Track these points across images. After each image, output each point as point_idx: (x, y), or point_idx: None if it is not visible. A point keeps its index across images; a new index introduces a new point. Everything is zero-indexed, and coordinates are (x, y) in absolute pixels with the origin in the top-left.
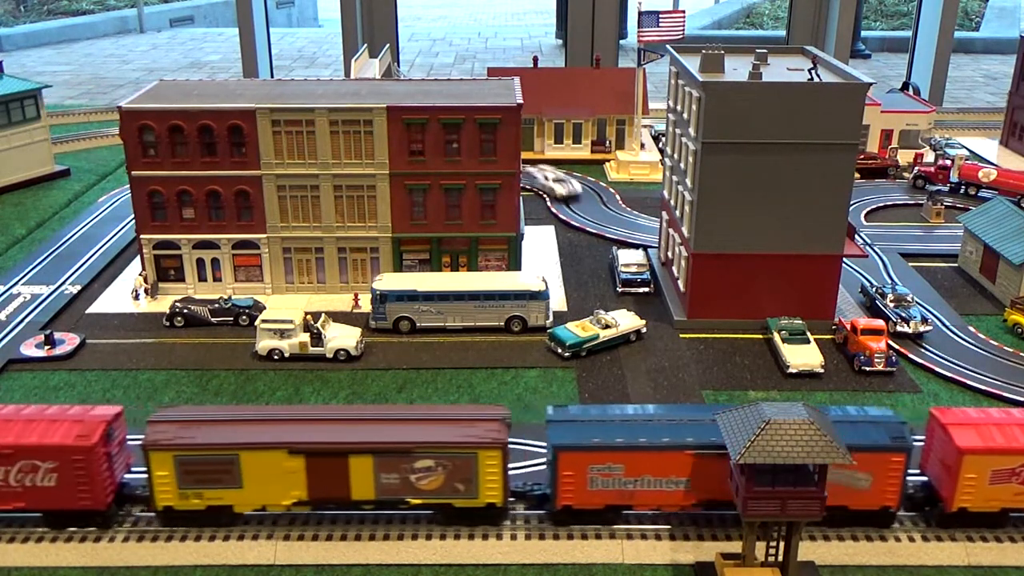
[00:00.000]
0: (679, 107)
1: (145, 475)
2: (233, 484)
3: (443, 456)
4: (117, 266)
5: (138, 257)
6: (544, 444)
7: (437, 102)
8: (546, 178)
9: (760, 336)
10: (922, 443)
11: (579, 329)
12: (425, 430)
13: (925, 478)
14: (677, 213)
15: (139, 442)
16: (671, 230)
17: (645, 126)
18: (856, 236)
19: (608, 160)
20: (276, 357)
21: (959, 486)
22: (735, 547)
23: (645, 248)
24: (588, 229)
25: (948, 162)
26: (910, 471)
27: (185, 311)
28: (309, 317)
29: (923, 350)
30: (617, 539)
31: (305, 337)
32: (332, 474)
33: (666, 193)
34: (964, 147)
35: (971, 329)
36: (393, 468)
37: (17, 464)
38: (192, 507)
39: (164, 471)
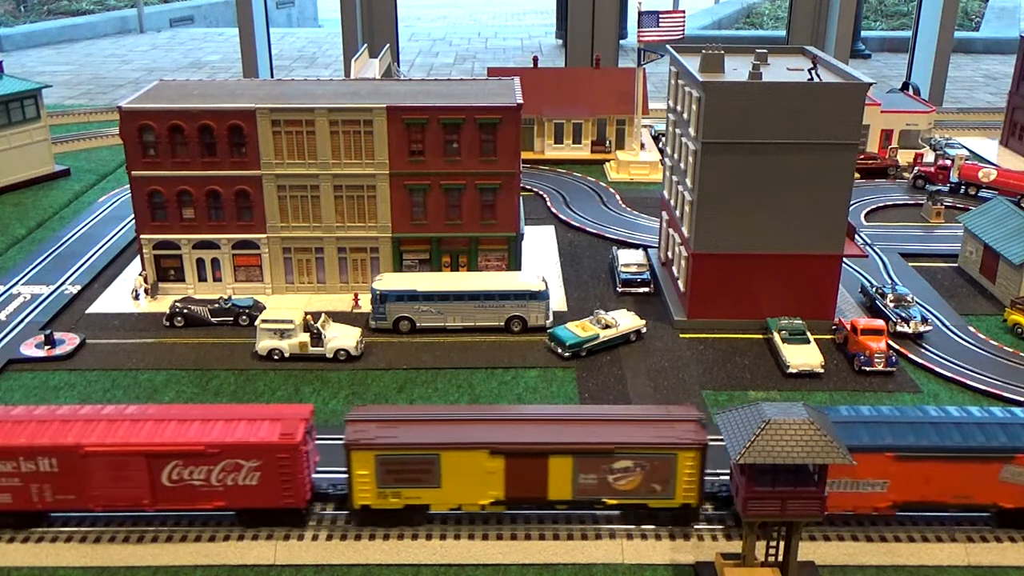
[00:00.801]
0: (679, 107)
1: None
2: (432, 484)
3: (642, 457)
4: (117, 266)
5: (138, 257)
6: None
7: (437, 102)
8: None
9: (760, 336)
10: None
11: (579, 329)
12: (624, 431)
13: None
14: (677, 213)
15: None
16: (671, 230)
17: (645, 126)
18: (856, 236)
19: (608, 160)
20: (276, 357)
21: None
22: (735, 547)
23: (645, 248)
24: (588, 229)
25: (948, 162)
26: None
27: (185, 311)
28: (309, 317)
29: (923, 350)
30: (617, 539)
31: (305, 337)
32: (531, 474)
33: (666, 193)
34: (964, 147)
35: (971, 329)
36: (592, 469)
37: (221, 463)
38: (390, 506)
39: (365, 470)
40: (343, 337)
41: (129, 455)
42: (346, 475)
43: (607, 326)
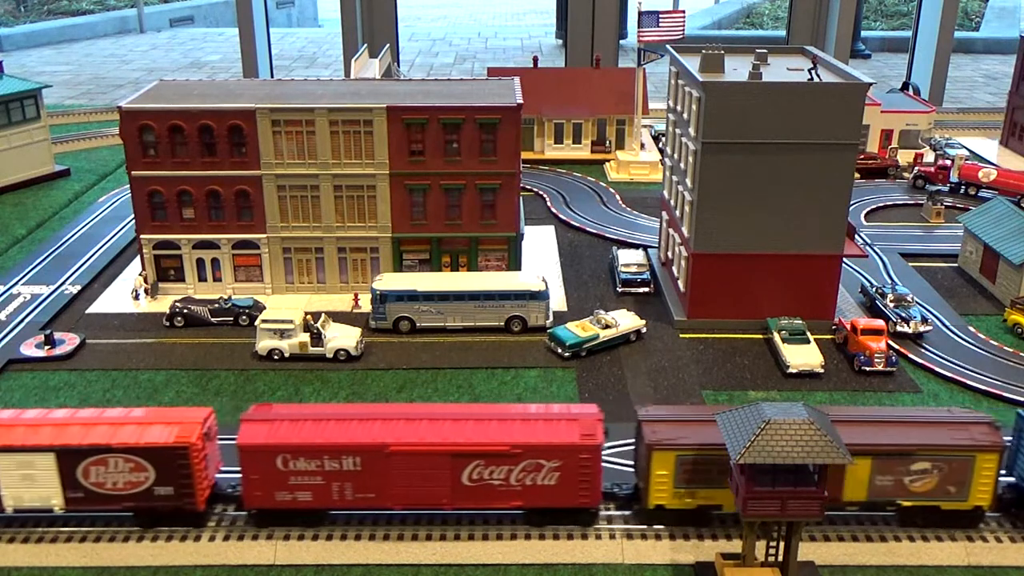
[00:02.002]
0: (679, 107)
1: None
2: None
3: (941, 459)
4: (117, 266)
5: (138, 257)
6: None
7: (437, 102)
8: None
9: (760, 336)
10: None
11: (579, 329)
12: (922, 432)
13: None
14: (677, 213)
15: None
16: (671, 230)
17: (645, 126)
18: (856, 236)
19: (608, 160)
20: (276, 357)
21: None
22: (735, 547)
23: (645, 248)
24: (588, 229)
25: (948, 162)
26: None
27: (185, 311)
28: (309, 317)
29: (923, 350)
30: (617, 539)
31: (305, 337)
32: (830, 476)
33: (666, 193)
34: (964, 147)
35: (971, 329)
36: (889, 470)
37: (522, 463)
38: (684, 506)
39: (664, 470)
40: (343, 337)
41: (434, 454)
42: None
43: (607, 326)
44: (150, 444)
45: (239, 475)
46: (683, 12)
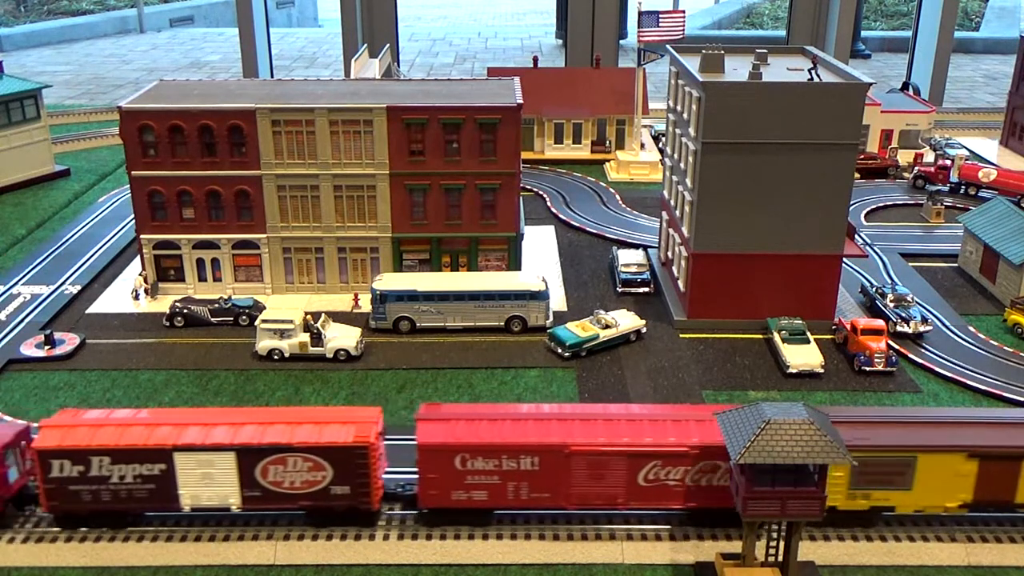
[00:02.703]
0: (679, 107)
1: None
2: (903, 486)
3: None
4: (117, 266)
5: (138, 257)
6: None
7: (437, 102)
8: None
9: (760, 336)
10: None
11: (579, 329)
12: None
13: None
14: (677, 213)
15: None
16: (671, 230)
17: (645, 126)
18: (856, 236)
19: (608, 160)
20: (276, 357)
21: None
22: (735, 547)
23: (645, 248)
24: (588, 229)
25: (948, 162)
26: None
27: (185, 311)
28: (309, 317)
29: (923, 350)
30: (617, 539)
31: (305, 337)
32: (1003, 477)
33: (666, 193)
34: (964, 147)
35: (971, 329)
36: None
37: (699, 464)
38: (856, 507)
39: (839, 471)
40: (343, 337)
41: (613, 454)
42: None
43: (607, 326)
44: (330, 443)
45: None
46: (683, 12)
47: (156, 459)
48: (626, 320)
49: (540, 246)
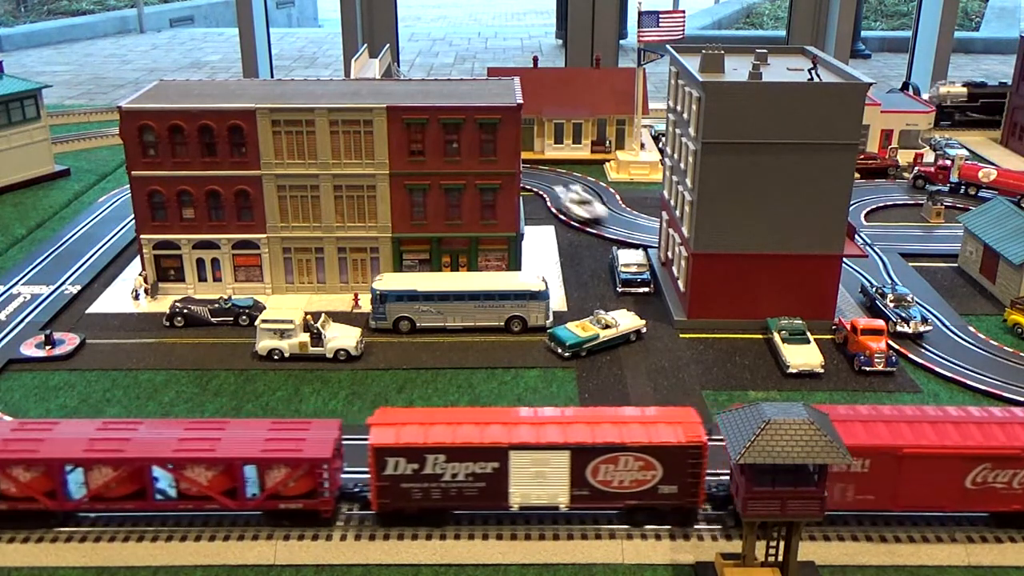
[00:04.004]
0: (679, 107)
1: None
2: None
3: None
4: (117, 266)
5: (138, 257)
6: None
7: (437, 102)
8: (571, 199)
9: (760, 336)
10: None
11: (579, 329)
12: None
13: None
14: (677, 213)
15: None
16: (671, 230)
17: (645, 126)
18: (856, 236)
19: (608, 160)
20: (276, 357)
21: None
22: (735, 547)
23: (645, 248)
24: (588, 229)
25: (948, 162)
26: None
27: (185, 311)
28: (309, 317)
29: (923, 350)
30: (617, 539)
31: (305, 337)
32: None
33: (666, 193)
34: (964, 147)
35: (971, 329)
36: None
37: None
38: None
39: None
40: (343, 337)
41: (947, 457)
42: None
43: (607, 326)
44: (663, 443)
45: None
46: (683, 12)
47: (491, 457)
48: (626, 320)
49: (540, 246)
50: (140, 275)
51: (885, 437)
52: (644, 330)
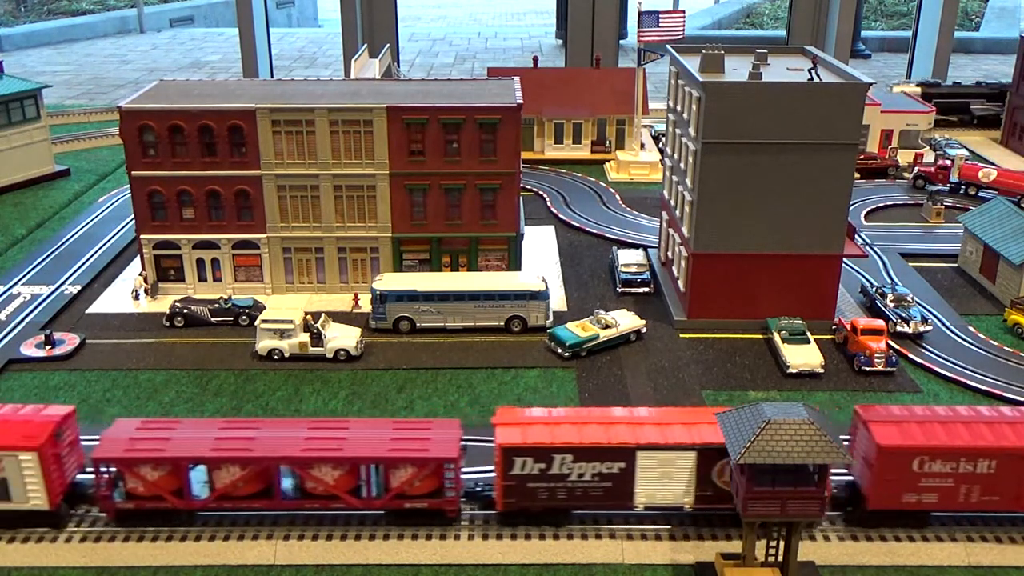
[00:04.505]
0: (679, 107)
1: None
2: None
3: None
4: (117, 266)
5: (138, 257)
6: None
7: (437, 102)
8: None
9: (760, 336)
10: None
11: (579, 329)
12: None
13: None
14: (677, 213)
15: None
16: (671, 230)
17: (645, 126)
18: (856, 236)
19: (608, 160)
20: (276, 357)
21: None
22: (735, 547)
23: (645, 248)
24: (588, 229)
25: (948, 162)
26: None
27: (185, 311)
28: (309, 317)
29: (923, 350)
30: (617, 539)
31: (305, 337)
32: None
33: (666, 193)
34: (964, 147)
35: (971, 329)
36: None
37: None
38: None
39: None
40: (343, 337)
41: None
42: None
43: (607, 326)
44: None
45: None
46: (683, 12)
47: (618, 457)
48: (626, 320)
49: (540, 246)
50: (140, 275)
51: (1011, 439)
52: (644, 330)
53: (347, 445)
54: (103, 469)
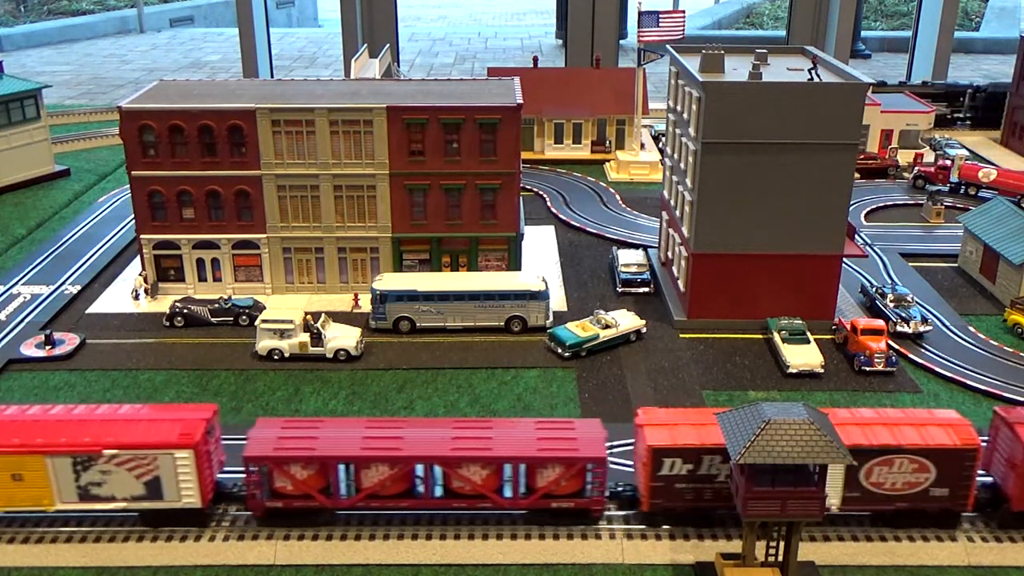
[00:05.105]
0: (679, 107)
1: None
2: None
3: None
4: (117, 266)
5: (138, 257)
6: None
7: (437, 102)
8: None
9: (760, 336)
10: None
11: (579, 329)
12: None
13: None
14: (677, 213)
15: None
16: (671, 230)
17: (645, 126)
18: (856, 236)
19: (608, 160)
20: (276, 357)
21: None
22: (735, 547)
23: (645, 248)
24: (588, 229)
25: (948, 162)
26: None
27: (185, 311)
28: (309, 317)
29: (923, 350)
30: (617, 539)
31: (305, 337)
32: None
33: (666, 193)
34: (964, 147)
35: (971, 329)
36: None
37: None
38: None
39: None
40: (343, 337)
41: None
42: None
43: (607, 326)
44: (939, 446)
45: None
46: (683, 12)
47: None
48: (626, 320)
49: (540, 246)
50: (140, 275)
51: None
52: (644, 330)
53: (495, 445)
54: (252, 468)
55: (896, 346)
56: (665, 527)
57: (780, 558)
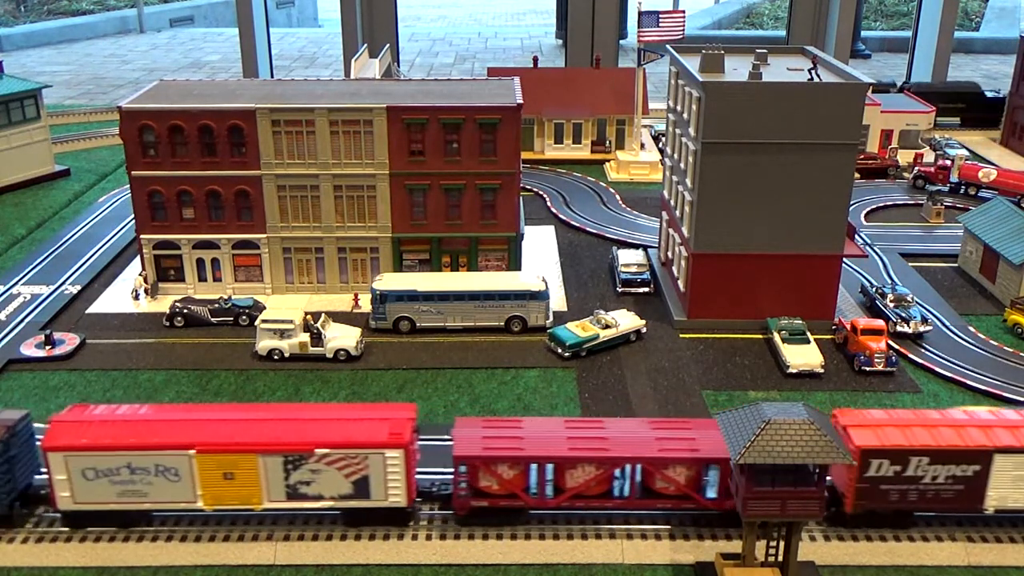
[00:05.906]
0: (679, 107)
1: None
2: None
3: None
4: (117, 266)
5: (138, 257)
6: None
7: (437, 102)
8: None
9: (760, 336)
10: None
11: (579, 329)
12: None
13: None
14: (677, 213)
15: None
16: (671, 230)
17: (645, 126)
18: (856, 236)
19: (608, 160)
20: (276, 357)
21: None
22: (735, 547)
23: (645, 248)
24: (588, 229)
25: (948, 162)
26: None
27: (185, 311)
28: (309, 317)
29: (923, 350)
30: (617, 539)
31: (305, 337)
32: None
33: (666, 193)
34: (964, 147)
35: (971, 329)
36: None
37: None
38: None
39: None
40: (343, 337)
41: None
42: None
43: (607, 326)
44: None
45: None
46: (683, 12)
47: (974, 460)
48: (626, 320)
49: (540, 246)
50: (140, 275)
51: None
52: (644, 330)
53: (698, 445)
54: (461, 468)
55: (896, 346)
56: (665, 527)
57: (780, 558)
